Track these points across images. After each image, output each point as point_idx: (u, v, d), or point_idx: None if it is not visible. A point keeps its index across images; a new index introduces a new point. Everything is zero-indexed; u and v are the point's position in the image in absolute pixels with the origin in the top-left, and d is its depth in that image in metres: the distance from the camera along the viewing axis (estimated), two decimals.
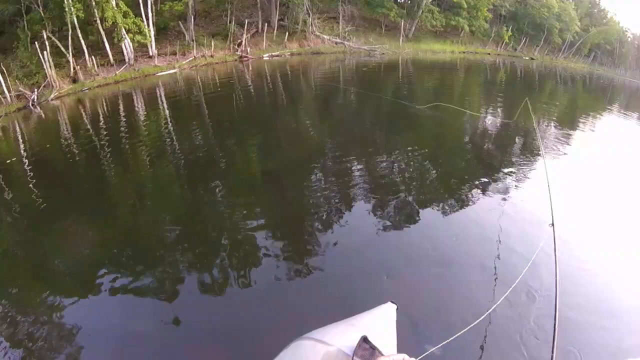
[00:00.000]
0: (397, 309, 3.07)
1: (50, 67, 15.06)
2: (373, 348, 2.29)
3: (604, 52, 51.92)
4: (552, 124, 15.32)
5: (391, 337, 2.78)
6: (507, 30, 40.82)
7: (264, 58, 23.82)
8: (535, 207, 6.80)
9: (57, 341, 4.13)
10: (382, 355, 2.26)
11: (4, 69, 14.06)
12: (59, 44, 16.01)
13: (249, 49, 22.77)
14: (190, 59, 20.18)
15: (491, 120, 14.71)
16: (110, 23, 16.31)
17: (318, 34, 27.33)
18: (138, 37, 17.45)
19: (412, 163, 9.21)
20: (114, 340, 4.20)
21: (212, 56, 21.19)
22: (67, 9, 15.21)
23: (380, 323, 2.86)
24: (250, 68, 21.68)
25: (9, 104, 13.66)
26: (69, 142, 10.50)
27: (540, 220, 5.85)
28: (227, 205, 7.23)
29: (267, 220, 6.53)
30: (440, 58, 33.88)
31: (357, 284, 4.95)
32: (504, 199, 7.40)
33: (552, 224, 4.24)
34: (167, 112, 13.66)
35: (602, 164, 10.45)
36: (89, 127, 11.73)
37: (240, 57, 22.46)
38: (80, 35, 16.29)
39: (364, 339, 2.32)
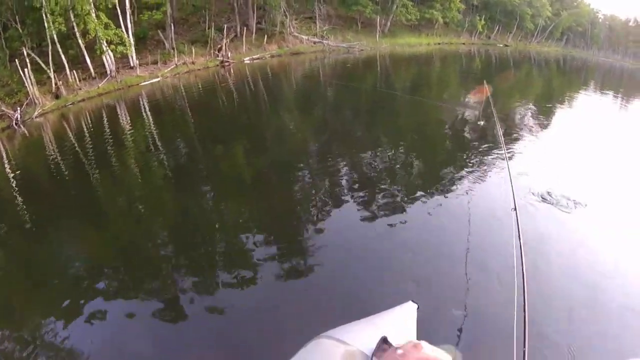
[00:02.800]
0: (417, 308, 3.13)
1: (32, 84, 14.90)
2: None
3: (576, 34, 53.24)
4: (528, 108, 15.86)
5: (411, 337, 2.74)
6: (480, 20, 41.63)
7: (245, 61, 23.90)
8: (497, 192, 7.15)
9: (54, 355, 4.14)
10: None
11: None
12: (39, 60, 15.88)
13: (229, 54, 22.81)
14: (172, 67, 20.14)
15: (468, 110, 15.17)
16: (93, 36, 16.20)
17: (296, 34, 27.51)
18: (120, 48, 17.34)
19: (393, 159, 9.44)
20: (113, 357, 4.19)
21: (193, 63, 21.17)
22: (47, 24, 15.09)
23: (400, 323, 2.59)
24: (232, 72, 21.78)
25: None
26: (55, 159, 10.39)
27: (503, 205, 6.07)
28: (222, 211, 7.32)
29: (265, 222, 6.66)
30: (417, 51, 34.45)
31: (358, 280, 5.06)
32: (475, 189, 7.63)
33: (515, 209, 4.18)
34: (152, 121, 13.65)
35: (571, 142, 10.81)
36: (74, 142, 11.61)
37: (222, 62, 22.48)
38: (60, 50, 16.16)
39: (384, 340, 2.33)
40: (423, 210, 6.88)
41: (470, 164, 8.89)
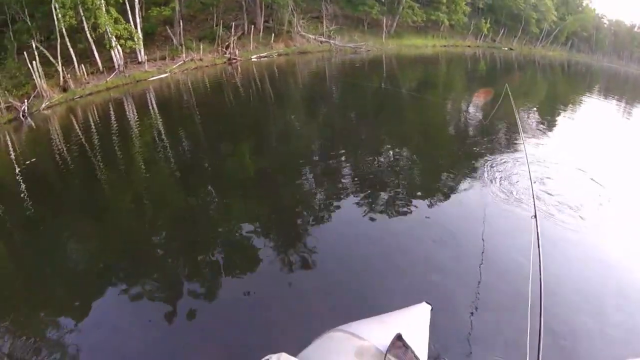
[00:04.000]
0: (431, 309, 3.10)
1: (40, 77, 14.79)
2: (406, 347, 2.33)
3: (581, 39, 53.13)
4: (534, 111, 15.82)
5: (424, 337, 2.81)
6: (486, 23, 41.55)
7: (252, 59, 23.87)
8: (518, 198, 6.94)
9: (58, 353, 4.05)
10: (415, 355, 2.31)
11: None
12: (47, 54, 15.77)
13: (237, 51, 22.81)
14: (180, 62, 20.07)
15: (474, 110, 15.11)
16: (103, 30, 16.12)
17: (303, 33, 27.44)
18: (130, 43, 17.31)
19: (400, 157, 9.50)
20: (116, 348, 4.13)
21: (201, 59, 21.10)
22: (56, 18, 14.99)
23: (414, 322, 2.90)
24: (240, 70, 21.79)
25: None
26: (62, 152, 10.34)
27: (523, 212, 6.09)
28: (230, 208, 7.24)
29: (276, 219, 6.68)
30: (423, 52, 34.60)
31: (372, 277, 5.05)
32: (489, 192, 7.37)
33: (535, 216, 4.04)
34: (159, 116, 13.65)
35: (586, 151, 10.48)
36: (81, 135, 11.58)
37: (229, 59, 22.46)
38: (68, 43, 16.07)
39: (399, 337, 2.37)
40: (440, 211, 6.87)
41: (490, 166, 8.65)
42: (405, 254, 5.56)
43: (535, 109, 16.33)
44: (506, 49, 44.08)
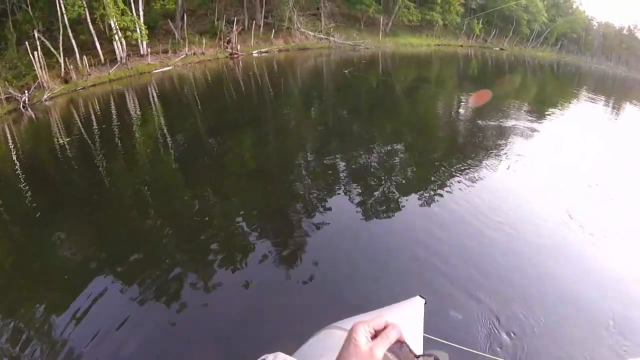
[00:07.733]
0: (425, 303, 3.09)
1: (41, 67, 14.40)
2: (402, 342, 2.23)
3: (571, 40, 54.05)
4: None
5: (418, 331, 2.78)
6: (478, 23, 41.96)
7: (254, 54, 23.83)
8: None
9: (55, 345, 3.90)
10: (410, 349, 2.17)
11: None
12: (49, 44, 15.36)
13: (239, 46, 22.66)
14: (183, 56, 19.86)
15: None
16: (109, 21, 15.81)
17: (303, 30, 27.38)
18: (135, 35, 16.99)
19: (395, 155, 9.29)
20: (114, 341, 3.97)
21: (203, 53, 20.93)
22: (59, 9, 14.66)
23: (407, 317, 2.88)
24: (242, 65, 21.71)
25: None
26: (62, 144, 10.06)
27: None
28: (231, 202, 7.10)
29: (269, 215, 6.49)
30: (419, 51, 35.13)
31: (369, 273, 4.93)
32: None
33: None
34: (160, 109, 13.50)
35: None
36: (82, 127, 11.33)
37: (231, 54, 22.39)
38: (71, 34, 15.71)
39: None
40: (436, 209, 6.61)
41: None
42: (400, 250, 5.49)
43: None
44: (497, 49, 44.68)
